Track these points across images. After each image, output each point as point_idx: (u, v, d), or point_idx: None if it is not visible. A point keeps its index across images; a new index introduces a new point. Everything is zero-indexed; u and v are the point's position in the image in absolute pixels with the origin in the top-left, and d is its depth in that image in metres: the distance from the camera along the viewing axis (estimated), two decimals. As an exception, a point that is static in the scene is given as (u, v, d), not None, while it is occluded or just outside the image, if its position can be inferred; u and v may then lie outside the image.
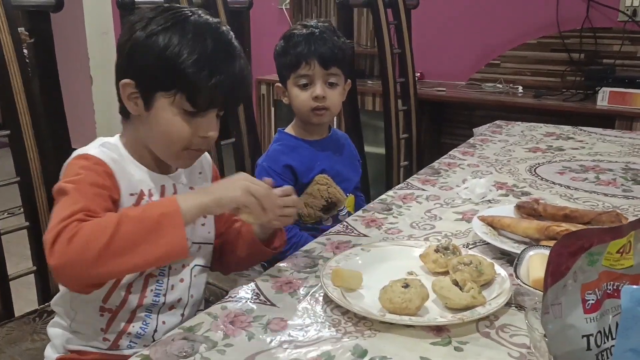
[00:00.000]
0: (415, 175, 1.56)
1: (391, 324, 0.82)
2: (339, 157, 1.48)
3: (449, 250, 0.98)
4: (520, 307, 0.87)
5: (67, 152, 0.97)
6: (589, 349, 0.59)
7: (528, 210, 1.19)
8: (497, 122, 2.24)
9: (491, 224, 1.14)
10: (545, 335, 0.63)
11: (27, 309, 1.32)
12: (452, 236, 1.15)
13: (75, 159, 0.93)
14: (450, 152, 1.79)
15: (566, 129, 2.12)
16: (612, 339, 0.58)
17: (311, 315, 0.86)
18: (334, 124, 3.00)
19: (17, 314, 1.30)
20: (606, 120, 2.57)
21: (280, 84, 1.44)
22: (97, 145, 0.97)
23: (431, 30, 3.32)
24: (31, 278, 1.34)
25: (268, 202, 0.93)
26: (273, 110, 3.66)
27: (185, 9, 0.96)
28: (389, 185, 2.36)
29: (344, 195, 1.43)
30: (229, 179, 0.95)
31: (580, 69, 3.00)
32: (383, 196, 1.39)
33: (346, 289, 0.90)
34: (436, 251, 0.98)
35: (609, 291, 0.59)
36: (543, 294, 0.58)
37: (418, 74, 3.21)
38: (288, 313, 0.86)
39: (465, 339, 0.79)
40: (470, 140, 1.97)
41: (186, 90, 0.91)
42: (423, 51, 3.11)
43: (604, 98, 2.67)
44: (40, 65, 1.36)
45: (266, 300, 0.90)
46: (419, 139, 2.60)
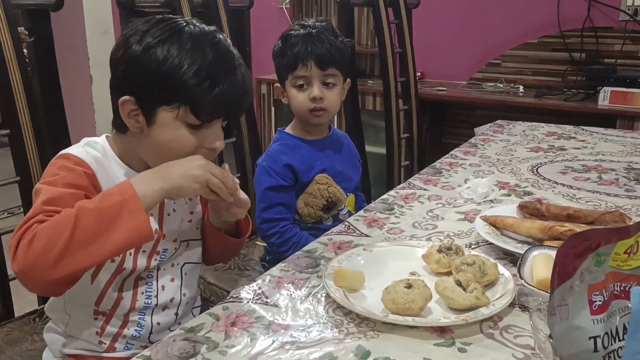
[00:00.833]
0: (416, 175, 1.56)
1: (394, 324, 0.81)
2: (339, 157, 1.48)
3: (451, 251, 0.98)
4: (524, 308, 0.86)
5: (67, 152, 0.96)
6: (596, 350, 0.58)
7: (531, 210, 1.18)
8: (499, 122, 2.23)
9: (494, 224, 1.13)
10: (550, 337, 0.63)
11: (27, 309, 1.32)
12: (455, 236, 1.14)
13: (56, 159, 0.92)
14: (451, 152, 1.78)
15: (568, 128, 2.11)
16: (620, 341, 0.57)
17: (313, 316, 0.85)
18: (335, 124, 3.00)
19: (17, 315, 1.30)
20: (607, 120, 2.57)
21: (279, 84, 1.44)
22: (81, 145, 0.96)
23: (432, 29, 3.31)
24: (31, 278, 1.33)
25: (225, 194, 0.93)
26: (273, 110, 3.66)
27: (179, 19, 0.93)
28: (389, 185, 2.35)
29: (344, 194, 1.43)
30: (185, 165, 0.89)
31: (581, 69, 2.99)
32: (385, 196, 1.38)
33: (348, 289, 0.89)
34: (439, 251, 0.98)
35: (616, 292, 0.59)
36: (549, 295, 0.58)
37: (419, 73, 3.21)
38: (290, 314, 0.86)
39: (469, 340, 0.79)
40: (472, 139, 1.96)
41: (189, 102, 0.89)
42: (424, 50, 3.10)
43: (605, 98, 2.66)
44: (40, 64, 1.36)
45: (268, 300, 0.89)
46: (419, 139, 2.59)
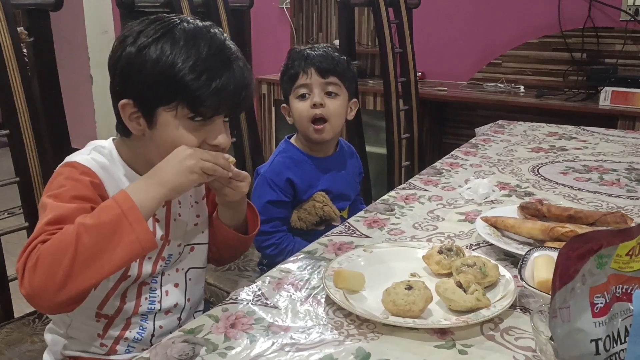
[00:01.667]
0: (417, 176, 1.55)
1: (394, 326, 0.81)
2: (341, 176, 1.48)
3: (452, 252, 0.97)
4: (525, 310, 0.86)
5: (67, 152, 0.96)
6: (598, 353, 0.58)
7: (532, 211, 1.17)
8: (499, 122, 2.23)
9: (494, 224, 1.13)
10: (551, 339, 0.62)
11: (27, 310, 1.31)
12: (455, 237, 1.14)
13: (63, 167, 0.91)
14: (452, 152, 1.77)
15: (569, 128, 2.11)
16: (621, 343, 0.57)
17: (313, 317, 0.85)
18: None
19: (17, 316, 1.30)
20: (608, 120, 2.56)
21: (285, 104, 1.44)
22: (88, 150, 0.94)
23: (433, 29, 3.31)
24: (31, 279, 1.32)
25: (222, 172, 0.92)
26: (274, 110, 3.66)
27: (173, 17, 0.92)
28: (390, 186, 2.35)
29: (338, 213, 1.43)
30: (175, 160, 0.87)
31: (582, 69, 2.99)
32: (385, 197, 1.37)
33: (348, 290, 0.89)
34: (439, 252, 0.97)
35: (617, 294, 0.58)
36: (551, 297, 0.57)
37: (419, 73, 3.20)
38: (290, 315, 0.85)
39: (470, 342, 0.78)
40: (472, 140, 1.96)
41: (187, 99, 0.87)
42: (424, 50, 3.10)
43: (606, 98, 2.65)
44: (39, 64, 1.35)
45: (268, 302, 0.89)
46: (420, 139, 2.59)
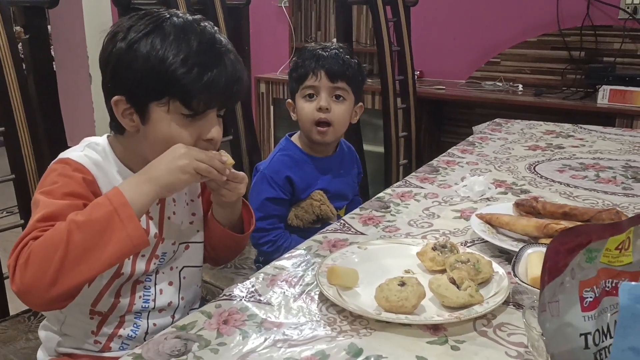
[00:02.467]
0: (413, 173, 1.55)
1: (387, 322, 0.81)
2: (340, 176, 1.48)
3: (446, 248, 0.97)
4: (518, 306, 0.86)
5: (63, 149, 0.95)
6: (587, 347, 0.58)
7: (527, 208, 1.17)
8: (497, 120, 2.23)
9: (489, 221, 1.13)
10: (542, 334, 0.62)
11: (22, 307, 1.31)
12: (450, 234, 1.14)
13: (56, 164, 0.91)
14: (449, 150, 1.77)
15: (566, 127, 2.11)
16: (611, 338, 0.57)
17: (306, 313, 0.85)
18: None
19: (12, 313, 1.30)
20: (606, 118, 2.56)
21: (290, 100, 1.44)
22: (82, 147, 0.94)
23: (431, 27, 3.31)
24: (26, 276, 1.32)
25: (216, 175, 0.91)
26: (272, 109, 3.66)
27: (163, 11, 0.91)
28: (387, 184, 2.34)
29: (335, 212, 1.43)
30: (168, 159, 0.87)
31: (580, 67, 2.98)
32: (381, 194, 1.37)
33: (342, 287, 0.89)
34: (434, 249, 0.97)
35: (607, 289, 0.58)
36: (540, 291, 0.57)
37: (417, 72, 3.21)
38: (283, 311, 0.85)
39: (462, 338, 0.78)
40: (470, 138, 1.96)
41: (179, 94, 0.87)
42: (422, 49, 3.10)
43: (604, 96, 2.65)
44: (35, 61, 1.35)
45: (261, 298, 0.89)
46: (418, 137, 2.59)
